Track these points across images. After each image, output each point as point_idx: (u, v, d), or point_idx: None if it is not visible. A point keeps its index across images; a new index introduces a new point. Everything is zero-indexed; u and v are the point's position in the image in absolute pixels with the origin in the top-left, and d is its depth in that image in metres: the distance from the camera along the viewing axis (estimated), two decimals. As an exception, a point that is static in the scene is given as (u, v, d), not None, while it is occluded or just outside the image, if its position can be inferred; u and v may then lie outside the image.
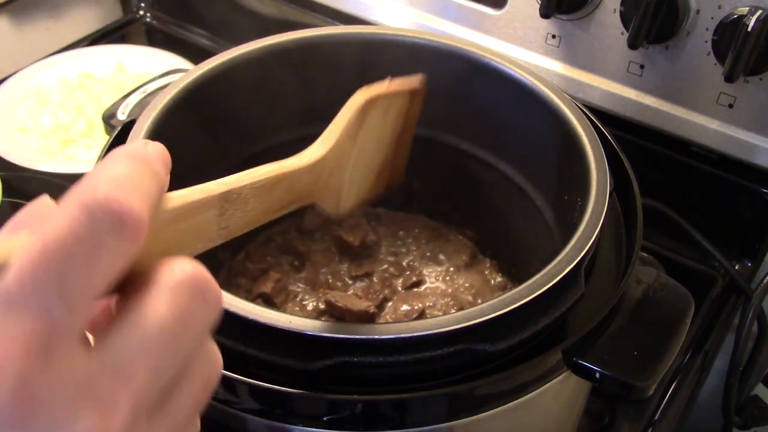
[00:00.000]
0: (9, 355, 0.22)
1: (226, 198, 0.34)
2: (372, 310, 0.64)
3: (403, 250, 0.73)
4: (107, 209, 0.24)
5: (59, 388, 0.23)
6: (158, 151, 0.28)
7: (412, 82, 0.51)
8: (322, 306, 0.67)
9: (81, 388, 0.23)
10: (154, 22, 1.18)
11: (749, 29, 0.64)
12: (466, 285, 0.69)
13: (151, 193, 0.26)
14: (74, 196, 0.24)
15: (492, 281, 0.70)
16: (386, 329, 0.42)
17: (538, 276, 0.45)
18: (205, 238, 0.33)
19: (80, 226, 0.23)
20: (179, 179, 0.31)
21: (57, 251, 0.23)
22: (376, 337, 0.42)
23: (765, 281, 0.74)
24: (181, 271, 0.26)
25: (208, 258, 0.61)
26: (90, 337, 0.25)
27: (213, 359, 0.28)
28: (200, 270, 0.27)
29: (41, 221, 0.25)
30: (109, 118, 0.63)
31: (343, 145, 0.44)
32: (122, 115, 0.62)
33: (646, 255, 0.77)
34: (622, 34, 0.73)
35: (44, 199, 0.27)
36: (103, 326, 0.25)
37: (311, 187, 0.42)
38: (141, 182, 0.25)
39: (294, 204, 0.40)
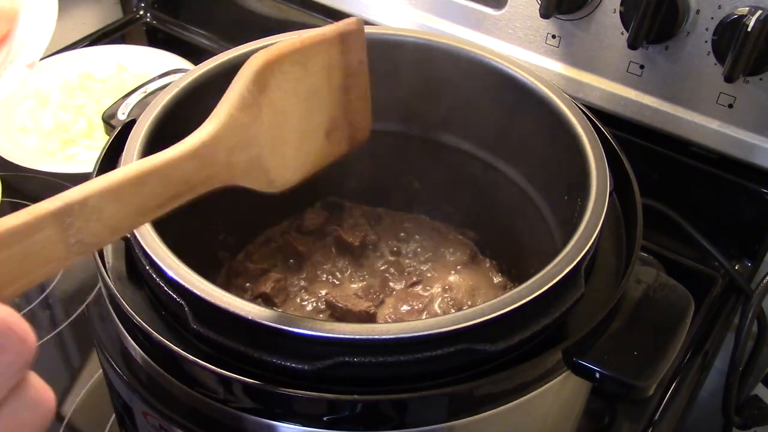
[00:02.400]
0: None
1: (66, 213, 0.31)
2: (372, 310, 0.64)
3: (403, 250, 0.73)
4: None
5: None
6: None
7: (334, 28, 0.46)
8: (322, 306, 0.67)
9: None
10: (154, 22, 1.18)
11: (749, 29, 0.64)
12: (466, 285, 0.69)
13: None
14: None
15: (492, 281, 0.70)
16: (386, 329, 0.42)
17: (538, 276, 0.45)
18: (52, 259, 0.31)
19: None
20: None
21: None
22: (376, 337, 0.42)
23: (765, 281, 0.74)
24: None
25: (208, 258, 0.61)
26: None
27: (34, 404, 0.27)
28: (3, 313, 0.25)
29: None
30: (109, 118, 0.63)
31: (240, 119, 0.39)
32: (122, 115, 0.62)
33: (646, 255, 0.77)
34: (622, 34, 0.73)
35: None
36: None
37: (207, 172, 0.38)
38: None
39: (186, 194, 0.37)
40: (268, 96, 0.41)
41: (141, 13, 1.18)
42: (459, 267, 0.71)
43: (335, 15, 0.94)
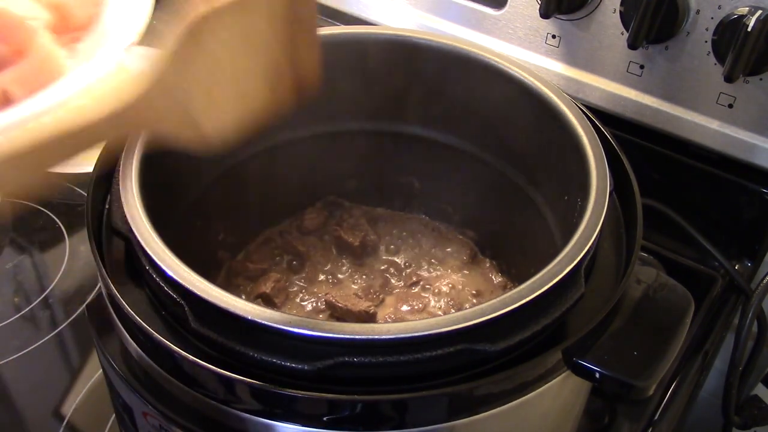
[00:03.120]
0: None
1: None
2: (372, 310, 0.64)
3: (403, 250, 0.73)
4: None
5: None
6: None
7: None
8: (322, 306, 0.67)
9: None
10: (154, 22, 1.18)
11: (749, 29, 0.64)
12: (466, 285, 0.69)
13: None
14: None
15: (492, 281, 0.71)
16: (386, 329, 0.42)
17: (538, 276, 0.45)
18: None
19: None
20: (181, 179, 0.31)
21: None
22: (376, 337, 0.42)
23: (765, 281, 0.74)
24: None
25: (208, 258, 0.61)
26: None
27: None
28: None
29: None
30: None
31: (168, 75, 0.37)
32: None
33: (646, 255, 0.77)
34: (622, 34, 0.73)
35: None
36: None
37: (126, 126, 0.36)
38: None
39: (97, 140, 0.36)
40: (203, 48, 0.39)
41: (141, 13, 1.18)
42: (459, 267, 0.71)
43: (335, 15, 0.94)
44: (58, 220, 0.88)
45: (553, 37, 0.79)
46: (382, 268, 0.71)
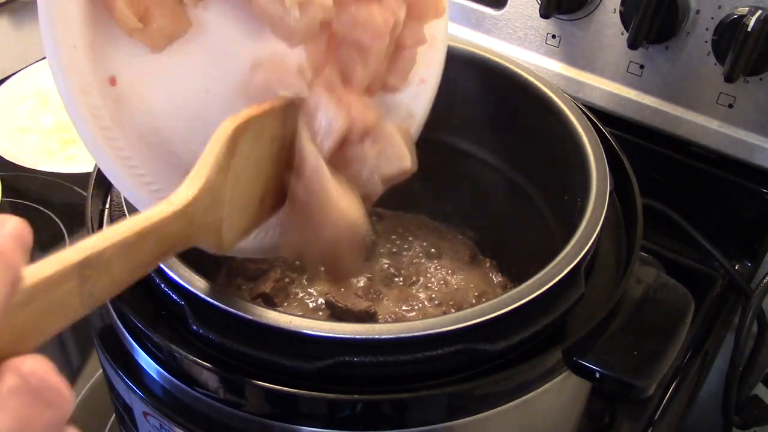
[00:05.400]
0: None
1: (86, 264, 0.31)
2: (372, 310, 0.64)
3: (403, 250, 0.73)
4: None
5: None
6: (16, 233, 0.26)
7: (282, 99, 0.47)
8: (322, 306, 0.67)
9: None
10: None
11: (749, 29, 0.64)
12: (466, 285, 0.69)
13: (3, 294, 0.25)
14: None
15: (492, 281, 0.71)
16: (386, 329, 0.42)
17: (538, 276, 0.45)
18: (69, 312, 0.30)
19: None
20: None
21: None
22: (376, 337, 0.42)
23: (765, 281, 0.74)
24: (16, 377, 0.25)
25: (208, 258, 0.61)
26: None
27: None
28: (40, 369, 0.26)
29: None
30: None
31: (215, 181, 0.41)
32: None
33: (646, 255, 0.77)
34: (622, 34, 0.73)
35: None
36: None
37: (186, 231, 0.39)
38: None
39: (167, 254, 0.38)
40: (234, 160, 0.42)
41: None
42: (459, 267, 0.71)
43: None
44: (58, 220, 0.88)
45: (553, 37, 0.79)
46: (383, 267, 0.71)
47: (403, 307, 0.67)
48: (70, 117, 0.43)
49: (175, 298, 0.45)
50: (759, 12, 0.64)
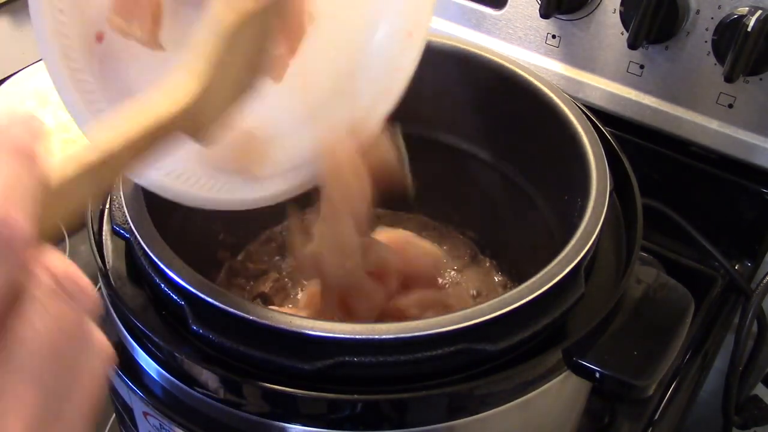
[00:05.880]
0: None
1: (102, 164, 0.31)
2: (372, 310, 0.64)
3: (403, 250, 0.73)
4: None
5: None
6: (29, 127, 0.26)
7: None
8: (322, 306, 0.67)
9: None
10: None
11: (749, 29, 0.64)
12: (466, 285, 0.69)
13: (33, 193, 0.25)
14: None
15: (492, 281, 0.70)
16: (386, 329, 0.42)
17: (538, 276, 0.45)
18: (76, 207, 0.31)
19: None
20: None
21: None
22: (376, 337, 0.42)
23: (765, 281, 0.74)
24: (47, 278, 0.26)
25: (208, 258, 0.61)
26: None
27: (98, 351, 0.28)
28: (66, 269, 0.26)
29: None
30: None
31: (214, 76, 0.39)
32: None
33: (646, 255, 0.77)
34: (622, 34, 0.73)
35: None
36: None
37: (182, 124, 0.37)
38: (22, 185, 0.25)
39: (160, 144, 0.37)
40: (229, 55, 0.40)
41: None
42: (459, 267, 0.71)
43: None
44: (58, 220, 0.88)
45: (553, 37, 0.79)
46: (382, 268, 0.71)
47: (403, 307, 0.66)
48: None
49: (175, 298, 0.45)
50: (759, 12, 0.64)
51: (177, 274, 0.44)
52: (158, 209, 0.49)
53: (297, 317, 0.43)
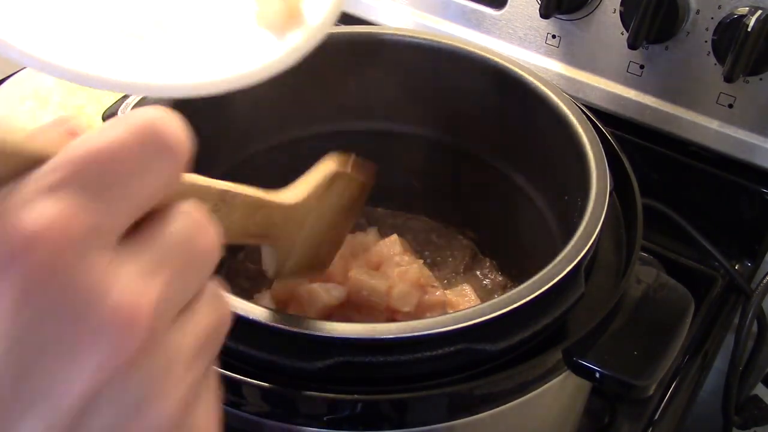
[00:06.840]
0: (48, 236, 0.20)
1: (223, 197, 0.33)
2: (372, 310, 0.64)
3: (403, 250, 0.73)
4: (155, 130, 0.23)
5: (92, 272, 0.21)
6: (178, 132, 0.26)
7: (367, 170, 0.51)
8: (322, 306, 0.66)
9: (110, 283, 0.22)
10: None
11: (749, 29, 0.64)
12: (467, 285, 0.69)
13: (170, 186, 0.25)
14: (116, 121, 0.23)
15: (492, 281, 0.70)
16: (386, 329, 0.42)
17: (538, 276, 0.45)
18: None
19: (130, 138, 0.23)
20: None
21: (104, 154, 0.22)
22: (377, 337, 0.42)
23: (765, 281, 0.74)
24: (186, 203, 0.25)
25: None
26: None
27: (219, 299, 0.27)
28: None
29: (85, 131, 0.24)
30: (109, 117, 0.63)
31: (309, 202, 0.44)
32: (122, 115, 0.62)
33: (646, 255, 0.77)
34: (622, 34, 0.73)
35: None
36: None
37: (277, 228, 0.41)
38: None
39: (257, 237, 0.40)
40: (323, 198, 0.46)
41: (141, 13, 1.18)
42: (459, 267, 0.71)
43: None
44: (58, 220, 0.88)
45: (553, 36, 0.79)
46: (382, 268, 0.71)
47: (403, 307, 0.66)
48: None
49: (175, 298, 0.45)
50: (759, 12, 0.64)
51: (177, 274, 0.44)
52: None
53: (297, 317, 0.43)
